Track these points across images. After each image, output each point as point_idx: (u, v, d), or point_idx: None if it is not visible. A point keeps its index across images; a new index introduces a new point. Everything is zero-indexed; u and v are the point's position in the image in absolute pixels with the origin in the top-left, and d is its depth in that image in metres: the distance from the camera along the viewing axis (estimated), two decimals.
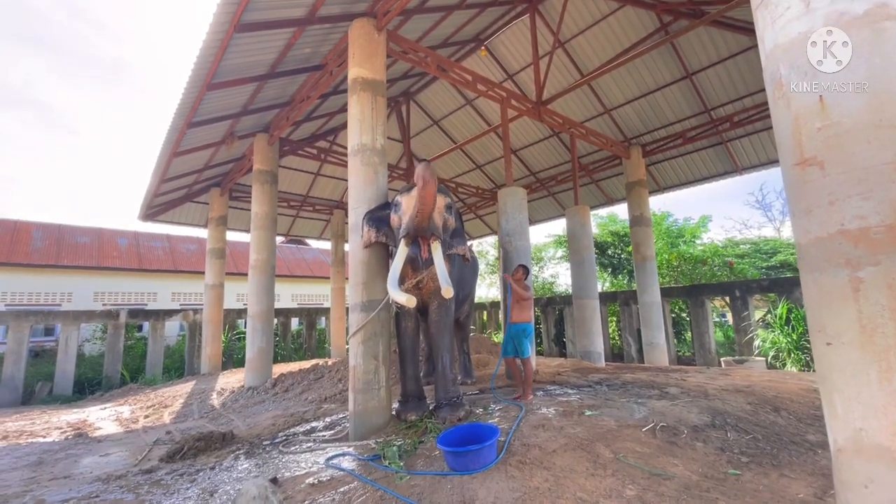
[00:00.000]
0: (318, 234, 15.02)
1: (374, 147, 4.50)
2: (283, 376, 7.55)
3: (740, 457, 2.85)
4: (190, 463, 3.95)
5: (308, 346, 13.97)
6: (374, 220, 4.17)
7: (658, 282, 9.32)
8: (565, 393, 4.68)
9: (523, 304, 4.47)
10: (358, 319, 4.17)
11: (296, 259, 22.05)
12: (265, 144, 8.02)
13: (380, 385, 4.09)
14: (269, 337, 7.82)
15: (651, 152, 9.56)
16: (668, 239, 14.64)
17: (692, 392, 4.39)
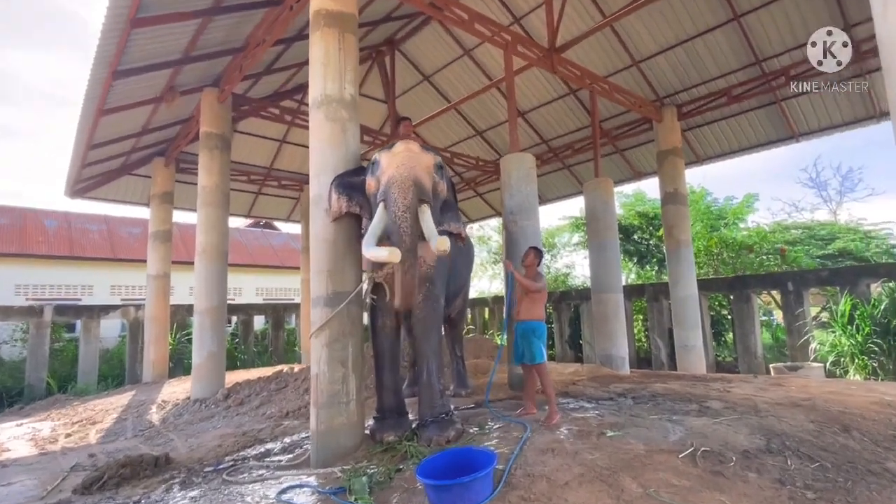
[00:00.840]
0: (286, 215, 14.81)
1: (341, 98, 4.23)
2: (239, 386, 7.43)
3: (805, 492, 2.64)
4: (110, 496, 3.75)
5: (275, 349, 13.85)
6: (344, 185, 4.00)
7: (695, 272, 9.16)
8: (581, 407, 4.53)
9: (534, 297, 4.27)
10: (321, 316, 3.95)
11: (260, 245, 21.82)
12: (214, 101, 7.75)
13: (349, 398, 3.89)
14: (221, 338, 7.66)
15: (688, 114, 9.32)
16: (706, 221, 14.46)
17: (739, 407, 4.25)
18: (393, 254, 3.38)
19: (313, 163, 4.23)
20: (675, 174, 9.16)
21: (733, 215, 14.56)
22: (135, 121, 8.42)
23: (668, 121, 9.22)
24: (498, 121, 11.67)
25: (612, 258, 8.12)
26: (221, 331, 7.66)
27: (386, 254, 3.37)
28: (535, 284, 4.25)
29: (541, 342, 4.16)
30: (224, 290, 7.72)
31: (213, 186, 7.63)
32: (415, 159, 3.69)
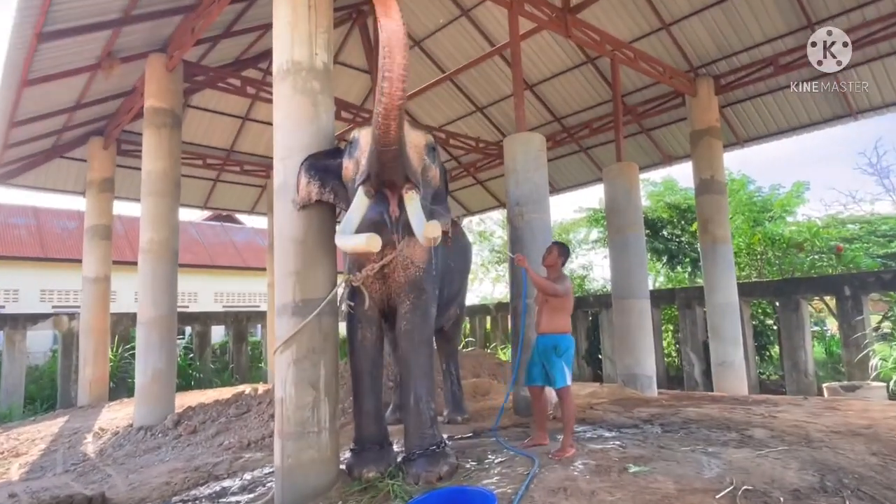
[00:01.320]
0: (249, 207, 14.85)
1: (312, 66, 4.17)
2: (192, 411, 7.38)
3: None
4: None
5: (236, 365, 13.84)
6: (316, 168, 3.96)
7: (735, 274, 9.16)
8: (600, 437, 4.50)
9: (556, 304, 4.15)
10: (288, 328, 3.90)
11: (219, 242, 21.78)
12: (162, 70, 7.71)
13: (321, 427, 3.85)
14: (171, 353, 7.61)
15: (727, 87, 9.34)
16: (748, 214, 14.49)
17: (787, 436, 4.25)
18: (372, 241, 3.27)
19: (278, 144, 4.17)
20: (712, 158, 9.17)
21: (780, 207, 14.59)
22: (67, 93, 8.34)
23: (704, 95, 9.22)
24: (502, 95, 11.65)
25: (637, 258, 8.11)
26: (171, 344, 7.60)
27: (363, 241, 3.27)
28: (556, 287, 4.13)
29: (564, 361, 4.04)
30: (174, 296, 7.67)
31: (160, 172, 7.57)
32: (404, 133, 3.62)
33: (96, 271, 10.35)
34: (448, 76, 10.44)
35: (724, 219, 9.18)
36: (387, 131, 3.16)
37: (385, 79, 3.02)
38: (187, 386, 12.06)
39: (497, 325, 15.68)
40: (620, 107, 8.91)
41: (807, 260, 13.45)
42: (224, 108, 11.60)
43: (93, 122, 10.07)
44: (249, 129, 12.33)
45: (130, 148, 10.80)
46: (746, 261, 13.99)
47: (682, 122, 10.54)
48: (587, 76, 10.65)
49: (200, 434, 6.50)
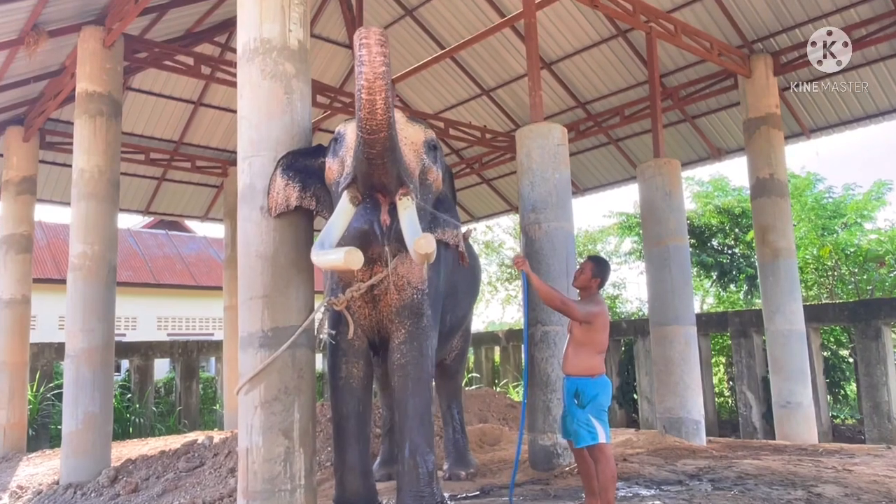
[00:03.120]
0: (202, 212, 14.92)
1: (284, 44, 4.27)
2: (132, 465, 7.39)
3: None
4: None
5: (185, 407, 13.83)
6: (295, 168, 4.03)
7: (801, 295, 9.19)
8: (636, 496, 4.55)
9: (581, 336, 3.98)
10: (254, 363, 3.95)
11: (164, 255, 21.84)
12: (97, 46, 7.77)
13: (294, 483, 3.89)
14: (108, 394, 7.64)
15: (789, 66, 9.43)
16: (816, 221, 14.61)
17: (865, 493, 4.30)
18: (351, 257, 3.27)
19: (243, 139, 4.25)
20: (772, 152, 9.22)
21: (855, 211, 14.72)
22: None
23: (760, 76, 9.30)
24: (513, 75, 11.77)
25: (680, 276, 8.15)
26: (107, 382, 7.60)
27: (341, 257, 3.28)
28: (570, 303, 4.02)
29: (591, 412, 3.84)
30: (111, 323, 7.68)
31: (95, 170, 7.60)
32: (399, 133, 3.68)
33: (12, 291, 10.33)
34: (448, 53, 10.53)
35: (786, 226, 9.22)
36: (372, 110, 3.14)
37: (362, 45, 3.09)
38: (125, 433, 12.07)
39: (508, 358, 15.70)
40: (658, 90, 8.98)
41: (890, 277, 13.52)
42: (172, 92, 11.68)
43: (11, 108, 10.13)
44: (203, 117, 12.43)
45: (57, 140, 10.87)
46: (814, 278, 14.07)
47: (734, 109, 10.63)
48: (618, 52, 10.75)
49: (143, 493, 6.48)
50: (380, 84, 3.11)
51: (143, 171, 12.97)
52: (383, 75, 3.11)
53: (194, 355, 14.32)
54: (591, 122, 11.87)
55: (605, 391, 3.95)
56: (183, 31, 10.15)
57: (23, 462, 9.13)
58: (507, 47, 11.27)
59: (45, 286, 14.78)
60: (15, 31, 7.53)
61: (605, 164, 13.16)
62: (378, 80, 3.10)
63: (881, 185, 15.06)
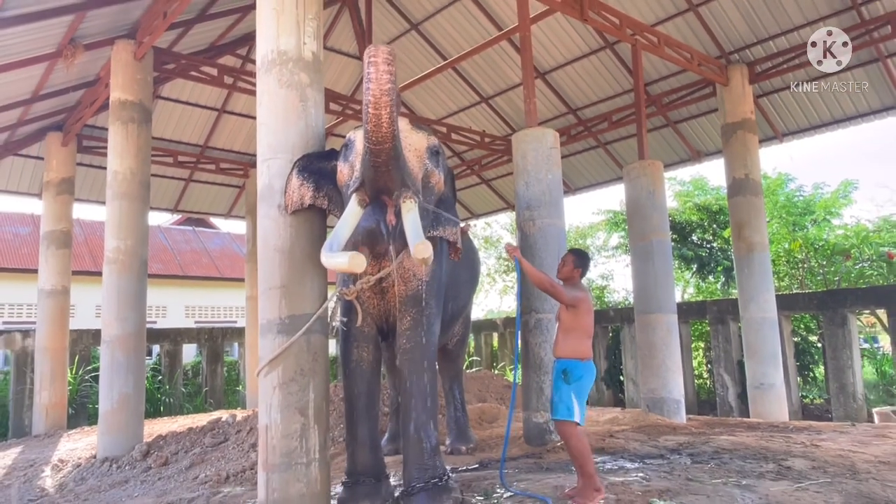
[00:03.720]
0: (226, 210, 14.93)
1: (300, 56, 4.26)
2: (163, 440, 7.42)
3: None
4: None
5: (211, 389, 13.87)
6: (310, 170, 4.04)
7: (773, 286, 9.20)
8: (621, 468, 4.57)
9: (569, 322, 3.97)
10: (273, 347, 3.97)
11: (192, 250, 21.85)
12: (129, 58, 7.79)
13: (310, 457, 3.90)
14: (140, 376, 7.68)
15: (763, 75, 9.43)
16: (787, 217, 14.56)
17: (830, 466, 4.33)
18: (355, 261, 3.30)
19: (262, 144, 4.25)
20: (747, 155, 9.24)
21: (824, 209, 14.65)
22: (23, 84, 8.43)
23: (737, 84, 9.30)
24: (510, 83, 11.76)
25: (662, 267, 8.18)
26: (139, 365, 7.65)
27: (345, 261, 3.30)
28: (559, 287, 3.98)
29: (574, 390, 3.80)
30: (143, 312, 7.73)
31: (127, 172, 7.63)
32: (403, 140, 3.68)
33: (54, 283, 10.41)
34: (450, 63, 10.53)
35: (760, 223, 9.24)
36: (378, 123, 3.17)
37: (370, 63, 3.10)
38: (156, 412, 12.11)
39: (505, 343, 15.72)
40: (643, 97, 9.00)
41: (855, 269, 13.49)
42: (198, 100, 11.70)
43: (51, 115, 10.16)
44: (226, 123, 12.44)
45: (93, 144, 10.91)
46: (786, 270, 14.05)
47: (712, 115, 10.62)
48: (606, 63, 10.74)
49: (173, 466, 6.54)
50: (385, 100, 3.13)
51: (171, 173, 13.00)
52: (389, 92, 3.13)
53: (219, 341, 14.34)
54: (581, 126, 11.84)
55: (590, 375, 3.93)
56: (207, 45, 10.17)
57: (63, 438, 9.18)
58: (504, 58, 11.26)
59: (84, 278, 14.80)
60: (54, 44, 7.56)
61: (594, 165, 13.14)
62: (384, 97, 3.12)
63: (847, 185, 14.99)
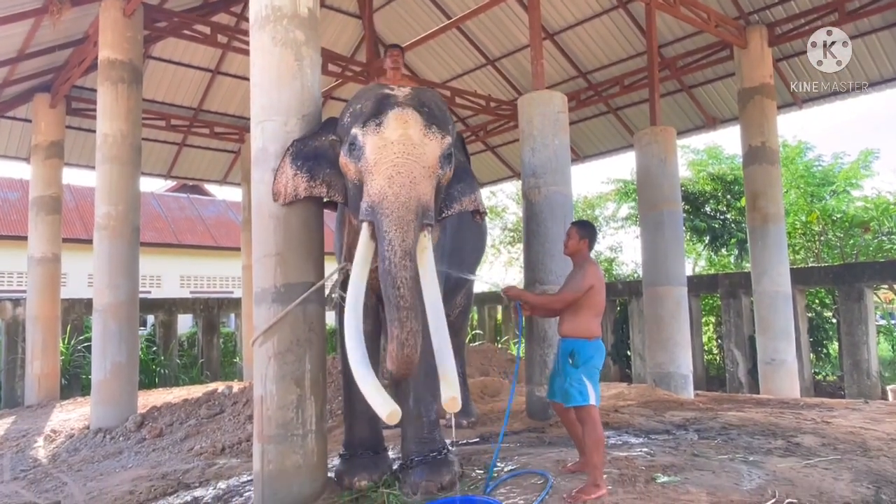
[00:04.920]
0: (221, 176, 14.90)
1: (295, 13, 4.18)
2: (157, 411, 7.51)
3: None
4: None
5: (207, 360, 14.00)
6: (304, 157, 3.91)
7: (788, 259, 9.21)
8: (625, 443, 4.61)
9: (583, 300, 3.78)
10: (268, 317, 3.98)
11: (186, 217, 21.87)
12: (118, 15, 7.72)
13: (306, 429, 3.94)
14: (133, 345, 7.74)
15: (783, 38, 9.32)
16: (805, 188, 14.50)
17: (841, 443, 4.36)
18: (393, 416, 3.10)
19: (256, 105, 4.20)
20: (764, 122, 9.15)
21: (843, 180, 14.58)
22: (7, 42, 8.36)
23: (756, 47, 9.17)
24: (517, 45, 11.61)
25: (673, 238, 8.17)
26: (132, 335, 7.71)
27: (385, 411, 3.10)
28: (566, 295, 3.84)
29: (584, 373, 3.68)
30: (136, 280, 7.77)
31: (118, 134, 7.61)
32: (416, 159, 3.44)
33: (43, 250, 10.44)
34: (455, 23, 10.36)
35: (776, 193, 9.19)
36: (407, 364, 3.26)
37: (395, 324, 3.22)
38: (150, 383, 12.25)
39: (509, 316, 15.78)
40: (657, 60, 8.90)
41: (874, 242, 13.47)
42: (191, 60, 11.59)
43: (38, 75, 10.09)
44: (220, 85, 12.34)
45: (82, 107, 10.84)
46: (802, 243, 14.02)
47: (729, 79, 10.51)
48: (618, 23, 10.59)
49: (167, 438, 6.63)
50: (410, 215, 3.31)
51: (164, 137, 12.93)
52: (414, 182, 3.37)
53: (215, 311, 14.43)
54: (592, 91, 11.74)
55: (600, 354, 3.81)
56: (200, 1, 10.03)
57: (56, 409, 9.30)
58: (512, 18, 11.09)
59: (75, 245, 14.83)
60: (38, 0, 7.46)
61: (604, 132, 13.06)
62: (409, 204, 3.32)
63: (868, 154, 14.88)
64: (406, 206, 3.30)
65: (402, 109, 3.51)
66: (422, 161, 3.46)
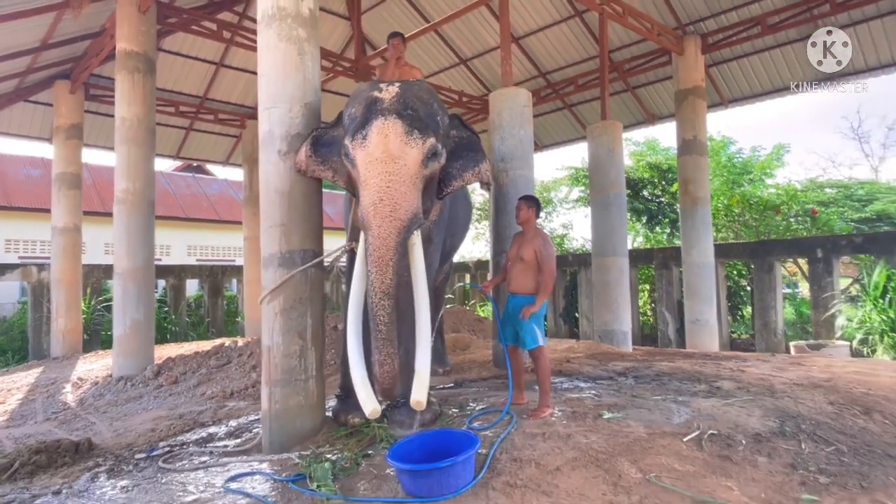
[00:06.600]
0: (223, 158, 14.63)
1: (298, 13, 4.14)
2: (172, 362, 7.51)
3: (818, 476, 2.88)
4: (24, 486, 3.81)
5: (212, 319, 13.90)
6: (320, 143, 3.97)
7: (712, 236, 9.42)
8: (576, 387, 4.73)
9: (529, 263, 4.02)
10: (274, 278, 3.99)
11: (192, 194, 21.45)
12: (134, 11, 7.50)
13: (307, 374, 3.99)
14: (150, 305, 7.68)
15: (714, 46, 9.44)
16: (728, 176, 14.77)
17: (753, 387, 4.49)
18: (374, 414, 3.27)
19: (263, 93, 4.16)
20: (696, 118, 9.30)
21: (759, 170, 14.86)
22: (32, 32, 8.09)
23: (691, 54, 9.28)
24: (487, 47, 11.55)
25: (617, 217, 8.29)
26: (149, 295, 7.67)
27: (368, 409, 3.25)
28: (552, 268, 3.97)
29: (534, 322, 3.97)
30: (151, 247, 7.71)
31: (134, 119, 7.47)
32: (396, 175, 3.36)
33: (66, 221, 10.23)
34: (433, 26, 10.23)
35: (704, 180, 9.36)
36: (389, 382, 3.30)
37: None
38: (163, 339, 12.13)
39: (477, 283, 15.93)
40: (607, 63, 8.93)
41: (783, 223, 13.81)
42: (198, 53, 11.30)
43: (59, 64, 9.76)
44: (224, 76, 12.05)
45: (99, 93, 10.52)
46: (724, 222, 14.31)
47: (667, 81, 10.61)
48: (574, 30, 10.59)
49: (182, 384, 6.67)
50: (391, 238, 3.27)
51: (173, 122, 12.63)
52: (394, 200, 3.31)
53: (219, 277, 14.29)
54: (550, 89, 11.76)
55: (544, 306, 4.06)
56: (207, 0, 9.75)
57: (80, 360, 9.21)
58: (482, 23, 11.03)
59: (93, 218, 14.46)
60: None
61: (560, 125, 13.11)
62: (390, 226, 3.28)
63: (780, 149, 15.17)
64: (386, 245, 3.25)
65: (384, 120, 3.43)
66: (403, 173, 3.38)
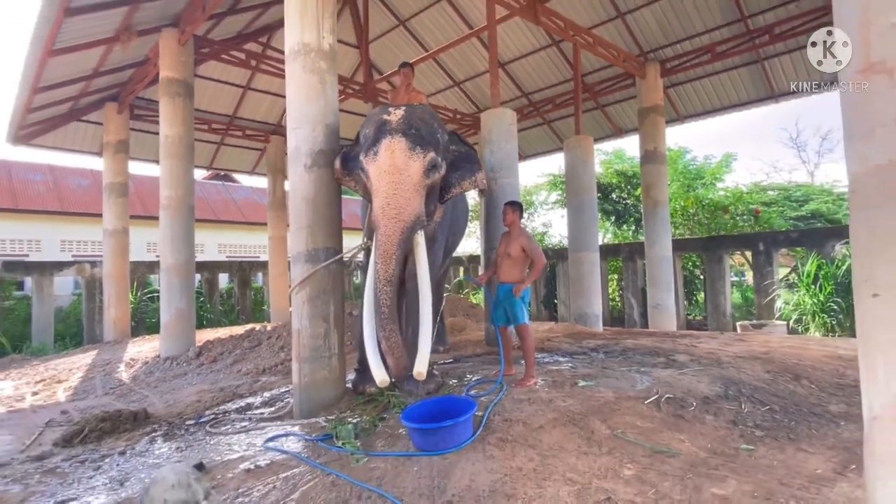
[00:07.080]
0: (250, 168, 14.62)
1: (320, 48, 4.25)
2: (210, 344, 7.60)
3: (754, 430, 3.04)
4: (93, 448, 3.93)
5: (241, 307, 13.94)
6: (347, 157, 4.13)
7: (671, 232, 9.56)
8: (555, 361, 4.88)
9: (517, 259, 4.18)
10: (302, 272, 4.12)
11: (222, 200, 21.44)
12: (174, 44, 7.53)
13: (331, 352, 4.12)
14: (191, 295, 7.78)
15: (671, 71, 9.53)
16: (683, 181, 14.92)
17: (703, 360, 4.64)
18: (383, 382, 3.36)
19: (291, 116, 4.28)
20: (656, 132, 9.39)
21: (711, 175, 15.01)
22: (86, 62, 8.14)
23: (651, 77, 9.38)
24: (477, 71, 11.62)
25: (590, 217, 8.42)
26: (190, 287, 7.76)
27: (378, 379, 3.35)
28: (542, 258, 4.12)
29: (524, 304, 4.15)
30: (192, 246, 7.80)
31: (176, 137, 7.56)
32: (402, 184, 3.46)
33: (115, 224, 10.27)
34: (431, 55, 10.32)
35: (664, 185, 9.48)
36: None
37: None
38: (199, 325, 12.10)
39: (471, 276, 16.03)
40: (580, 85, 9.05)
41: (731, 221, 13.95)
42: (227, 78, 11.32)
43: (108, 88, 9.78)
44: (250, 98, 12.08)
45: (142, 113, 10.55)
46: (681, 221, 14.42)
47: (632, 100, 10.69)
48: (552, 57, 10.69)
49: (220, 363, 6.77)
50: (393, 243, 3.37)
51: (206, 138, 12.65)
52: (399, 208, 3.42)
53: (247, 271, 14.33)
54: (531, 107, 11.84)
55: (528, 292, 4.23)
56: (235, 33, 9.81)
57: (130, 344, 9.25)
58: (474, 51, 11.11)
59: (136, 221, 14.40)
60: (112, 30, 7.28)
61: (540, 138, 13.21)
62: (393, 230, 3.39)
63: (729, 157, 15.34)
64: (390, 241, 3.35)
65: (391, 138, 3.55)
66: (406, 182, 3.49)
